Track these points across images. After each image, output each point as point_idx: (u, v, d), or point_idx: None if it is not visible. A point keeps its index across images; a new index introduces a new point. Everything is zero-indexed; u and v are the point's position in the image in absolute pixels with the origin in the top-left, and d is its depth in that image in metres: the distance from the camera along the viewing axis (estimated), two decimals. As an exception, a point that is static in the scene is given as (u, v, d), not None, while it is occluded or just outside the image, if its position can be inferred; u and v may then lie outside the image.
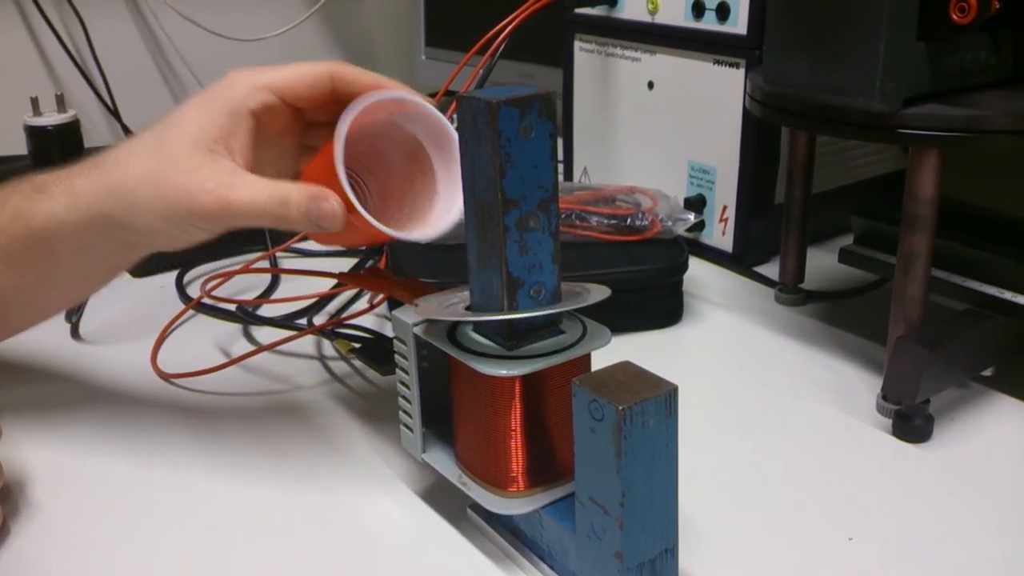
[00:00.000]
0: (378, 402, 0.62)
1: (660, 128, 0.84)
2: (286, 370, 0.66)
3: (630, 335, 0.69)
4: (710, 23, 0.78)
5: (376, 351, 0.62)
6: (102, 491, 0.53)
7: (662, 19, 0.81)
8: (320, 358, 0.67)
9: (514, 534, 0.47)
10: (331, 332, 0.66)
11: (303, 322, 0.71)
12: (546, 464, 0.45)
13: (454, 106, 0.75)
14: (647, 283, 0.70)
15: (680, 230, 0.73)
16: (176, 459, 0.56)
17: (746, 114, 0.76)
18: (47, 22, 1.33)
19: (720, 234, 0.82)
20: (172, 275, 0.81)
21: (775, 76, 0.59)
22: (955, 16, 0.53)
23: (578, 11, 0.88)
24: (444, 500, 0.51)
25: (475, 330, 0.46)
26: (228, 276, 0.72)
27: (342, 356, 0.67)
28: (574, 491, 0.41)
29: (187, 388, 0.64)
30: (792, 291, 0.75)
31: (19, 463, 0.54)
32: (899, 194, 0.57)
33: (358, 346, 0.63)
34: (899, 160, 0.89)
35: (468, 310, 0.46)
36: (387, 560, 0.47)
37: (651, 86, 0.84)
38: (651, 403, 0.37)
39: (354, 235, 0.49)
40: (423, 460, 0.49)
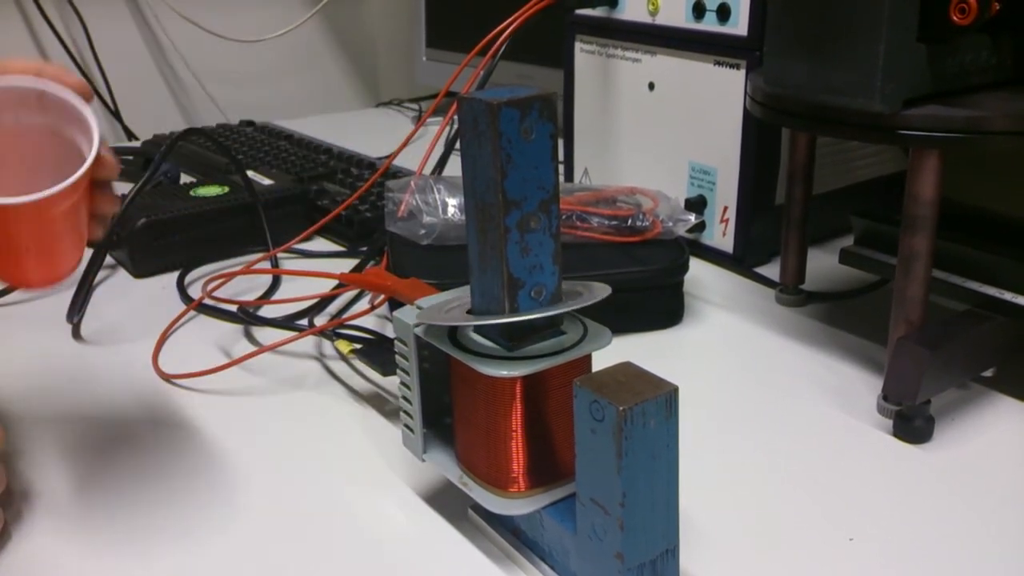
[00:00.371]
0: (379, 403, 0.62)
1: (661, 129, 0.84)
2: (287, 371, 0.66)
3: (631, 336, 0.69)
4: (711, 24, 0.78)
5: (377, 352, 0.62)
6: (102, 491, 0.53)
7: (663, 20, 0.81)
8: (321, 359, 0.68)
9: (515, 535, 0.47)
10: (332, 333, 0.66)
11: (304, 323, 0.71)
12: (547, 465, 0.46)
13: (455, 107, 0.76)
14: (648, 284, 0.70)
15: (681, 231, 0.73)
16: (177, 460, 0.56)
17: (747, 115, 0.77)
18: (48, 23, 1.33)
19: (721, 235, 0.82)
20: (173, 276, 0.81)
21: (775, 77, 0.59)
22: (955, 17, 0.53)
23: (579, 12, 0.89)
24: (445, 501, 0.51)
25: (476, 331, 0.46)
26: (229, 277, 0.72)
27: (343, 357, 0.67)
28: (575, 492, 0.41)
29: (188, 388, 0.64)
30: (793, 292, 0.75)
31: (20, 464, 0.55)
32: (899, 195, 0.57)
33: (359, 347, 0.64)
34: (899, 161, 0.89)
35: (469, 312, 0.46)
36: (388, 560, 0.47)
37: (652, 87, 0.84)
38: (652, 404, 0.37)
39: None
40: (424, 460, 0.49)
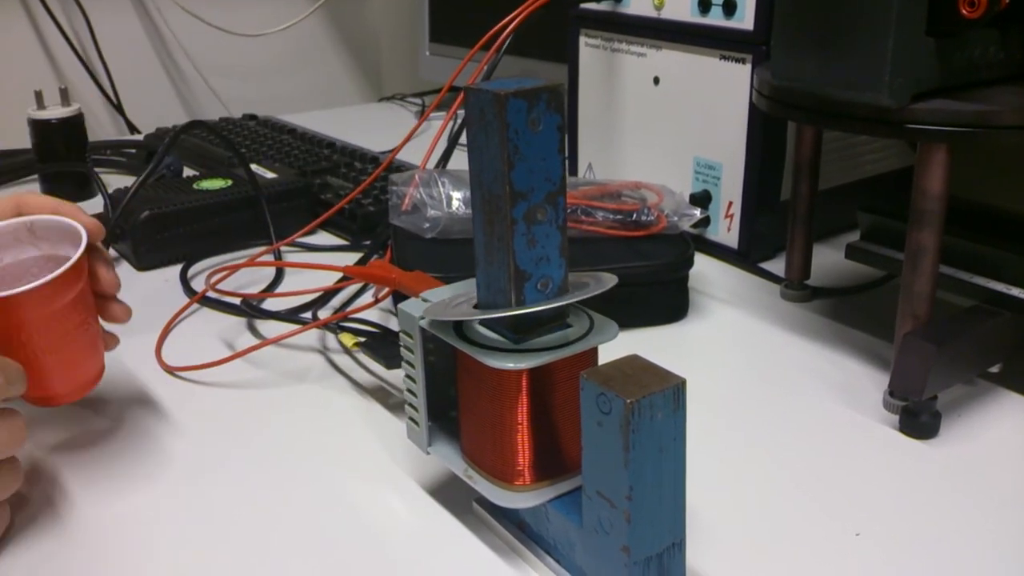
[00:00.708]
0: (383, 396, 0.62)
1: (666, 124, 0.84)
2: (290, 364, 0.66)
3: (635, 331, 0.69)
4: (716, 18, 0.77)
5: (381, 345, 0.62)
6: (106, 484, 0.53)
7: (668, 14, 0.81)
8: (324, 352, 0.67)
9: (520, 528, 0.47)
10: (336, 326, 0.66)
11: (308, 316, 0.71)
12: (552, 458, 0.45)
13: (459, 101, 0.75)
14: (653, 278, 0.69)
15: (686, 225, 0.73)
16: (180, 453, 0.56)
17: (752, 110, 0.76)
18: (51, 16, 1.33)
19: (725, 230, 0.81)
20: (176, 269, 0.81)
21: (783, 71, 0.59)
22: (964, 11, 0.53)
23: (583, 6, 0.88)
24: (449, 494, 0.51)
25: (482, 323, 0.46)
26: (233, 269, 0.72)
27: (346, 350, 0.67)
28: (581, 485, 0.41)
29: (192, 381, 0.64)
30: (798, 287, 0.74)
31: (24, 458, 0.54)
32: (906, 190, 0.57)
33: (363, 340, 0.63)
34: (905, 157, 0.89)
35: (475, 305, 0.46)
36: (392, 554, 0.47)
37: (656, 82, 0.84)
38: (659, 396, 0.37)
39: None
40: (429, 453, 0.49)
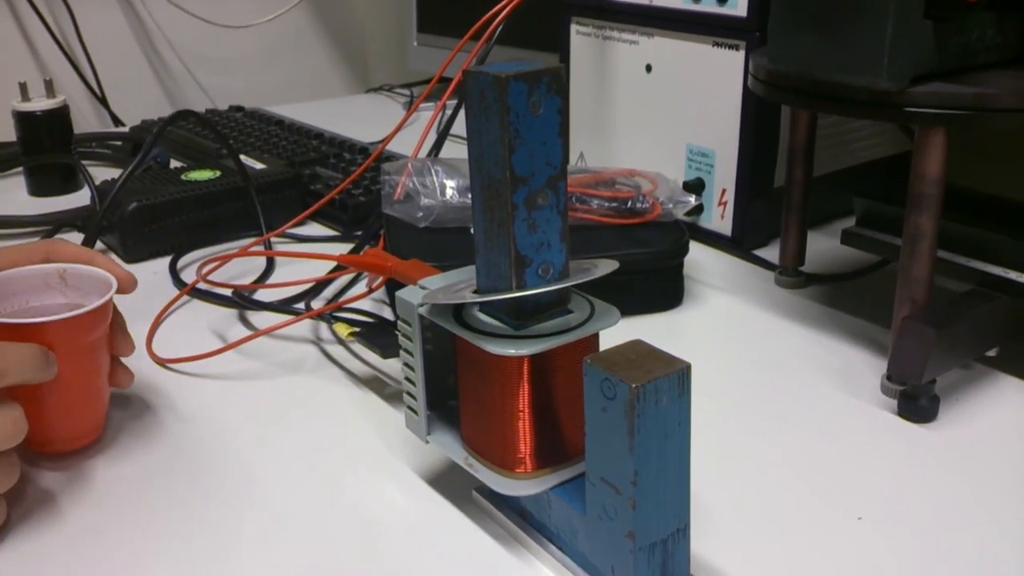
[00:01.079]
0: (378, 386, 0.61)
1: (658, 112, 0.83)
2: (284, 355, 0.65)
3: (630, 318, 0.69)
4: (709, 5, 0.77)
5: (377, 334, 0.62)
6: (99, 478, 0.52)
7: (660, 1, 0.80)
8: (318, 343, 0.67)
9: (521, 516, 0.47)
10: (330, 316, 0.65)
11: (300, 306, 0.70)
12: (554, 445, 0.45)
13: (448, 91, 0.75)
14: (648, 266, 0.69)
15: (680, 213, 0.73)
16: (173, 445, 0.55)
17: (746, 97, 0.76)
18: (34, 8, 1.31)
19: (719, 218, 0.81)
20: (165, 261, 0.80)
21: (779, 54, 0.58)
22: (962, -7, 0.52)
23: (574, -6, 0.88)
24: (448, 483, 0.51)
25: (482, 310, 0.45)
26: (224, 260, 0.71)
27: (340, 340, 0.66)
28: (583, 472, 0.40)
29: (183, 373, 0.63)
30: (792, 274, 0.74)
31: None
32: (898, 176, 0.56)
33: (358, 329, 0.63)
34: (899, 142, 0.89)
35: (475, 292, 0.45)
36: (391, 544, 0.47)
37: (649, 69, 0.83)
38: (664, 381, 0.37)
39: None
40: (428, 442, 0.49)
